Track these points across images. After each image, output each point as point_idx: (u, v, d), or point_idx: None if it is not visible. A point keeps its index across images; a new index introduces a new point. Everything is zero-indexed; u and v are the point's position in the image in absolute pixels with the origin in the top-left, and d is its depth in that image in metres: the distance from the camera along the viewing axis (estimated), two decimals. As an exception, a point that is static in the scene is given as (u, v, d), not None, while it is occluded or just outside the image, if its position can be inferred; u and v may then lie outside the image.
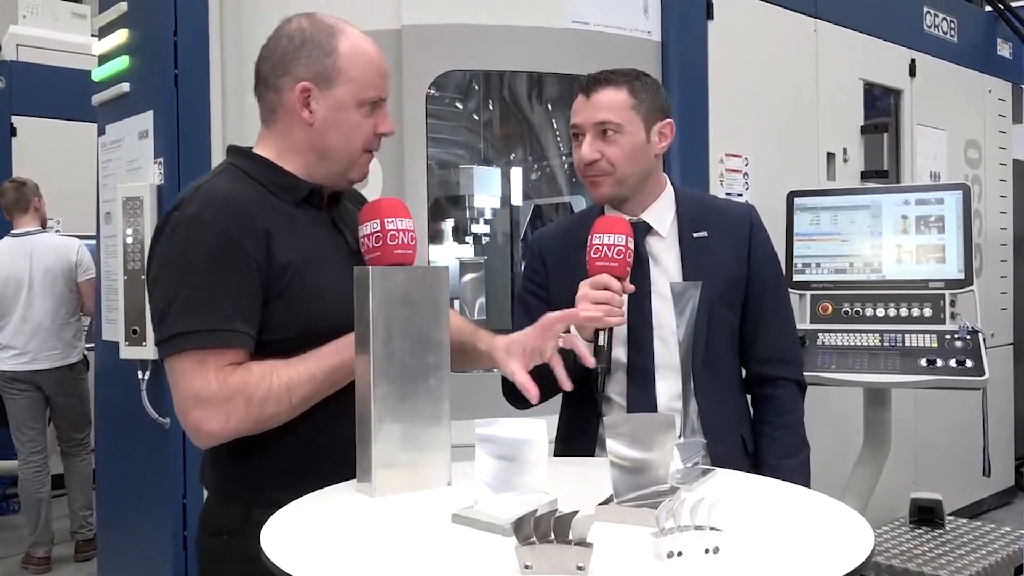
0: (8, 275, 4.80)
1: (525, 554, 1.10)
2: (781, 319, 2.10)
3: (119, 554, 4.01)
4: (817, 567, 1.12)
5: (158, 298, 1.58)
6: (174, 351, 1.55)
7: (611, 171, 1.94)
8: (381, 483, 1.48)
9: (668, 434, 1.32)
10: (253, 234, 1.58)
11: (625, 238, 1.82)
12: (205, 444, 1.59)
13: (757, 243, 2.05)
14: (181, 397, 1.56)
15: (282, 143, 1.71)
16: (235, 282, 1.56)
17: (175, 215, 1.59)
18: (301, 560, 1.20)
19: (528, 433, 1.30)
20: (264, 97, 1.72)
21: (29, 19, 7.01)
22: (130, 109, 3.68)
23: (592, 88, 1.94)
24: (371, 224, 1.62)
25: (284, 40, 1.68)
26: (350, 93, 1.67)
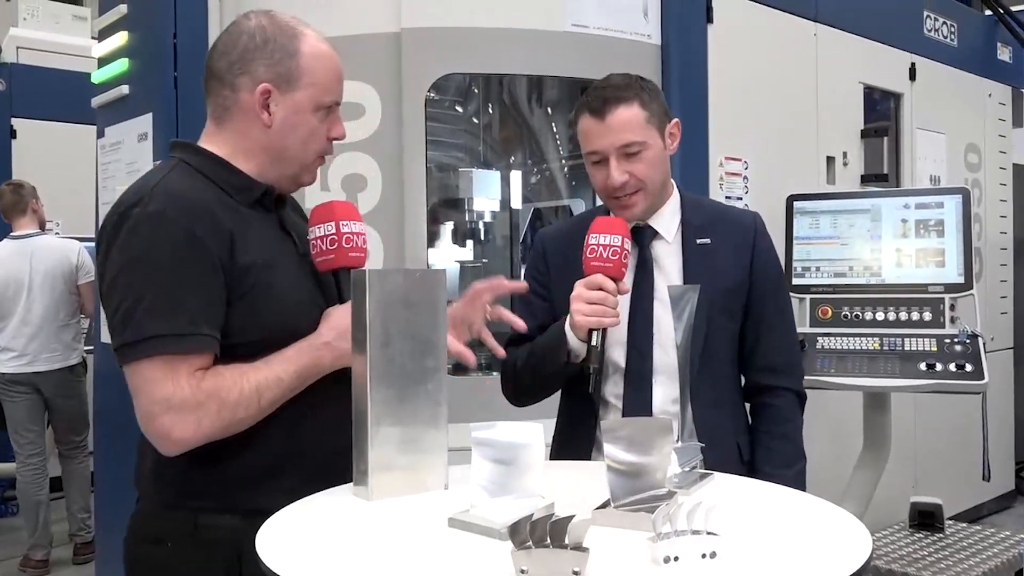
0: (8, 277, 4.80)
1: (521, 559, 1.09)
2: (782, 328, 2.08)
3: (117, 557, 3.98)
4: (814, 572, 1.11)
5: (120, 298, 1.50)
6: (142, 355, 1.49)
7: (642, 187, 1.94)
8: (378, 487, 1.48)
9: (665, 438, 1.31)
10: (217, 234, 1.54)
11: (621, 239, 1.82)
12: (173, 451, 1.52)
13: (760, 251, 2.03)
14: (148, 402, 1.50)
15: (236, 143, 1.66)
16: (201, 283, 1.52)
17: (135, 212, 1.51)
18: (296, 565, 1.20)
19: (524, 437, 1.30)
20: (218, 93, 1.66)
21: (29, 21, 7.02)
22: (130, 111, 3.68)
23: (605, 110, 1.90)
24: (325, 226, 1.62)
25: (244, 37, 1.63)
26: (309, 97, 1.65)
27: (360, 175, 3.18)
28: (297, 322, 1.60)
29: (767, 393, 2.05)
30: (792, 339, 2.13)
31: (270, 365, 1.56)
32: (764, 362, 2.04)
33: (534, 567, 1.09)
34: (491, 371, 3.68)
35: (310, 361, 1.58)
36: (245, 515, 1.46)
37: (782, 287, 2.13)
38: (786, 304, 2.13)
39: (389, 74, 3.17)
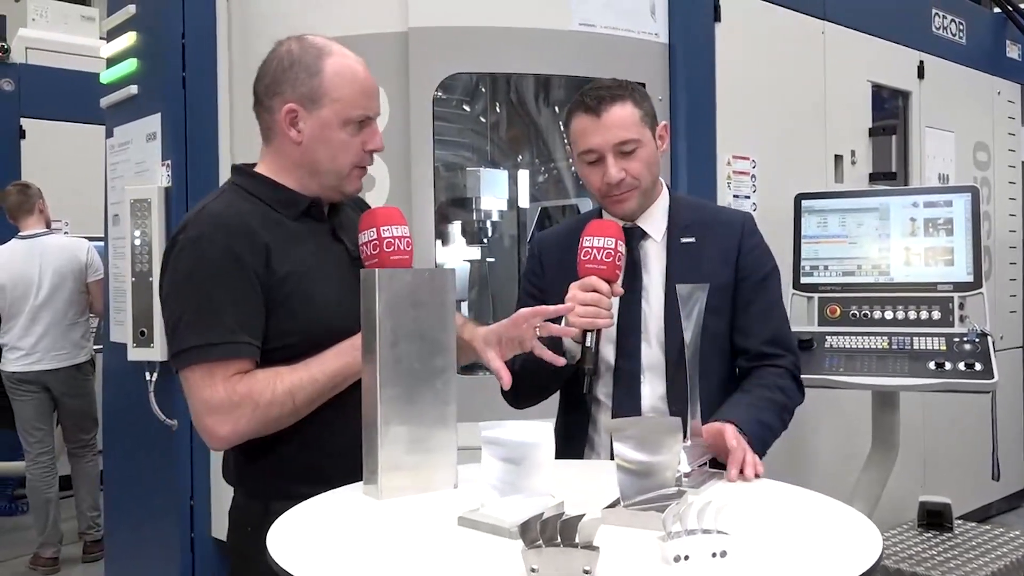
0: (18, 276, 4.81)
1: (531, 557, 1.10)
2: (773, 312, 2.07)
3: (127, 555, 4.02)
4: (825, 571, 1.11)
5: (167, 316, 1.69)
6: (185, 364, 1.65)
7: (637, 185, 1.98)
8: (387, 485, 1.49)
9: (674, 437, 1.31)
10: (253, 248, 1.66)
11: (615, 241, 1.85)
12: (218, 447, 1.70)
13: (747, 249, 2.04)
14: (194, 405, 1.66)
15: (278, 160, 1.80)
16: (238, 296, 1.64)
17: (181, 237, 1.69)
18: (307, 563, 1.20)
19: (534, 436, 1.30)
20: (260, 117, 1.80)
21: (38, 22, 7.03)
22: (138, 111, 3.69)
23: (600, 108, 1.94)
24: (368, 232, 1.73)
25: (275, 62, 1.76)
26: (335, 112, 1.74)
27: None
28: (341, 325, 1.69)
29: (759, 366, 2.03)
30: (784, 328, 2.11)
31: (307, 367, 1.68)
32: (755, 347, 2.03)
33: (544, 566, 1.09)
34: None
35: (345, 363, 1.67)
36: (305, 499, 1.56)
37: (773, 283, 2.11)
38: (777, 298, 2.12)
39: (396, 74, 3.17)
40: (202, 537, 3.45)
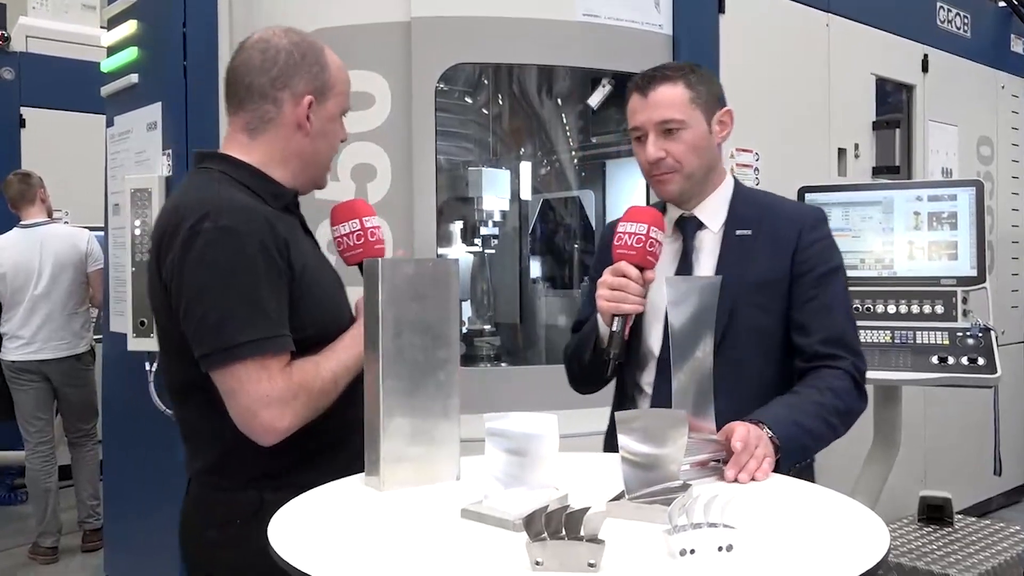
0: (19, 265, 4.80)
1: (536, 550, 1.09)
2: (834, 311, 1.96)
3: (126, 544, 4.02)
4: (832, 566, 1.10)
5: (209, 308, 1.62)
6: (235, 360, 1.61)
7: (678, 168, 1.94)
8: (389, 477, 1.47)
9: (680, 430, 1.30)
10: (277, 243, 1.67)
11: (647, 227, 1.84)
12: (272, 441, 1.65)
13: (806, 244, 1.96)
14: (248, 400, 1.62)
15: (271, 152, 1.78)
16: (274, 289, 1.65)
17: (207, 226, 1.62)
18: (308, 554, 1.19)
19: (539, 428, 1.29)
20: (257, 107, 1.77)
21: (39, 10, 7.00)
22: (139, 100, 3.68)
23: (648, 86, 1.94)
24: (350, 224, 1.81)
25: (283, 55, 1.76)
26: (337, 105, 1.82)
27: (370, 165, 3.17)
28: (339, 314, 1.78)
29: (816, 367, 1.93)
30: (846, 328, 1.99)
31: (336, 354, 1.71)
32: (811, 346, 1.94)
33: (549, 559, 1.08)
34: (500, 362, 3.68)
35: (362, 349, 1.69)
36: (303, 489, 1.54)
37: (836, 281, 1.99)
38: (840, 297, 2.00)
39: (399, 63, 3.15)
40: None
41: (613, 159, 4.01)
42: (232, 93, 1.80)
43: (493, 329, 3.73)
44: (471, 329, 3.70)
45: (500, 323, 3.81)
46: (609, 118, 3.88)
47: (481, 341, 3.69)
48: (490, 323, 3.75)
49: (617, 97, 3.67)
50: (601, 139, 4.01)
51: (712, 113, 1.96)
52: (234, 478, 1.74)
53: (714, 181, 2.02)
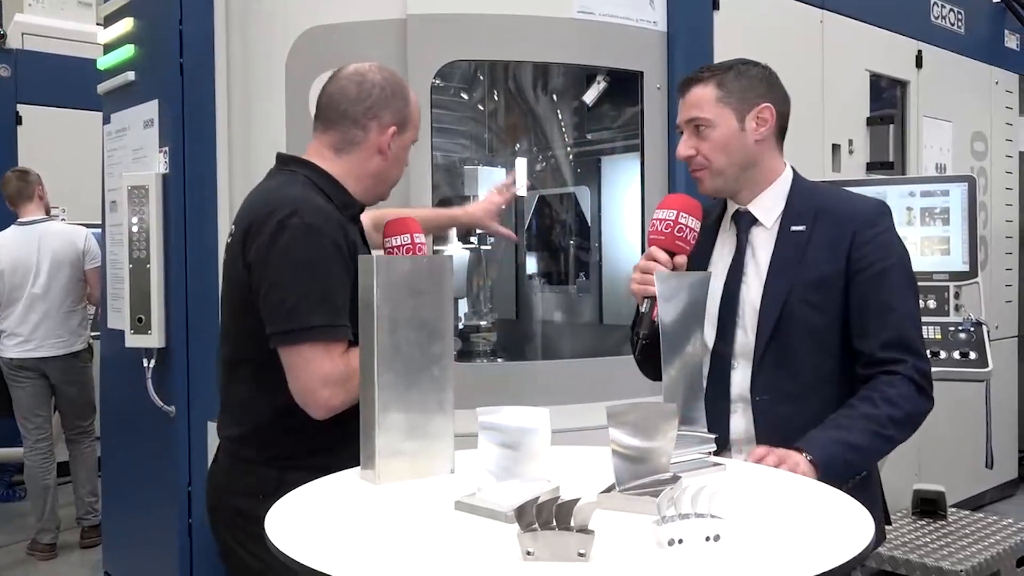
0: (16, 262, 4.81)
1: (527, 541, 1.11)
2: (893, 311, 1.92)
3: (124, 540, 4.03)
4: (818, 556, 1.12)
5: (286, 293, 1.83)
6: (306, 340, 1.81)
7: (707, 165, 2.00)
8: (384, 471, 1.50)
9: (670, 423, 1.33)
10: (348, 245, 1.89)
11: (676, 214, 1.90)
12: (325, 416, 1.84)
13: (862, 240, 1.94)
14: (310, 379, 1.82)
15: (350, 168, 2.02)
16: (342, 284, 1.84)
17: (293, 222, 1.84)
18: (303, 545, 1.21)
19: (531, 422, 1.31)
20: (347, 130, 2.01)
21: (35, 7, 6.99)
22: (135, 98, 3.68)
23: (684, 88, 2.03)
24: (402, 237, 2.08)
25: (376, 89, 2.01)
26: (411, 136, 2.09)
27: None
28: None
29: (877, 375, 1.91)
30: (906, 328, 1.93)
31: None
32: (870, 351, 1.92)
33: (540, 549, 1.10)
34: (496, 358, 3.70)
35: None
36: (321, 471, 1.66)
37: (895, 278, 1.94)
38: (900, 295, 1.94)
39: (395, 61, 3.14)
40: (199, 523, 3.46)
41: (608, 155, 4.03)
42: (325, 115, 2.03)
43: (489, 325, 3.75)
44: (467, 325, 3.72)
45: (497, 319, 3.83)
46: (604, 114, 3.90)
47: (477, 337, 3.71)
48: (486, 319, 3.76)
49: (612, 93, 3.70)
50: (596, 135, 4.02)
51: (746, 110, 1.98)
52: (260, 451, 1.94)
53: (765, 176, 2.03)
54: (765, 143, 2.01)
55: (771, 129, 2.01)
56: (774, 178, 2.04)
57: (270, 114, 3.27)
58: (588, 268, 4.06)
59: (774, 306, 1.93)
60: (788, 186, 2.05)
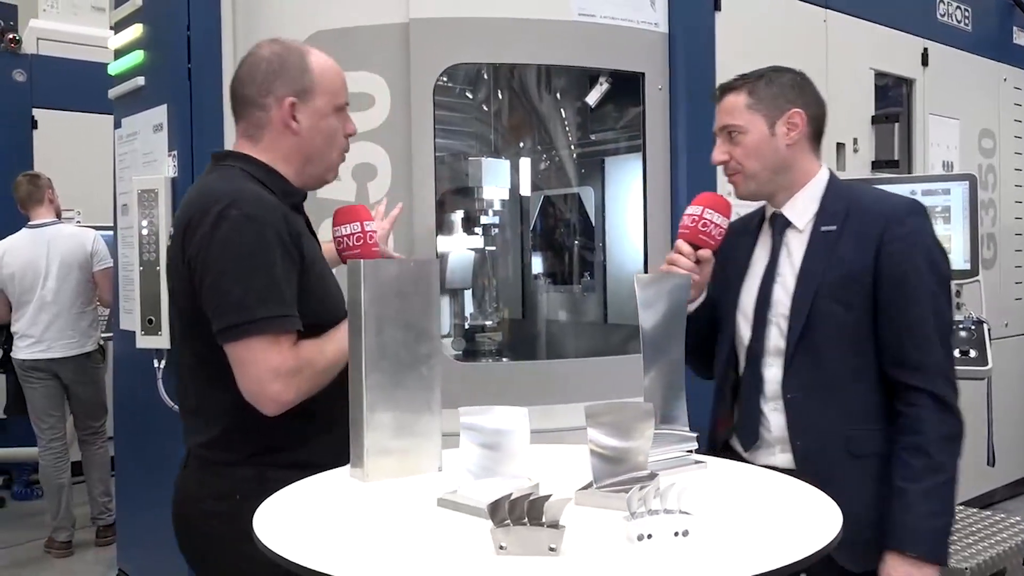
0: (27, 265, 4.88)
1: (500, 536, 1.15)
2: (913, 320, 1.92)
3: (138, 539, 4.09)
4: (783, 549, 1.15)
5: (229, 286, 1.76)
6: (252, 333, 1.75)
7: (740, 169, 2.07)
8: (373, 469, 1.54)
9: (647, 423, 1.36)
10: (292, 235, 1.82)
11: (702, 209, 2.04)
12: (276, 412, 1.78)
13: (889, 239, 1.94)
14: (259, 372, 1.75)
15: (272, 153, 1.93)
16: (288, 275, 1.79)
17: (233, 212, 1.77)
18: (290, 542, 1.25)
19: (510, 423, 1.35)
20: (250, 115, 1.94)
21: (49, 12, 7.07)
22: (145, 103, 3.73)
23: (720, 94, 2.12)
24: (351, 226, 1.99)
25: (264, 64, 1.93)
26: (327, 102, 1.94)
27: (370, 164, 3.22)
28: (336, 306, 1.89)
29: (901, 396, 1.94)
30: (927, 333, 1.93)
31: (336, 339, 1.81)
32: (891, 356, 1.94)
33: (512, 544, 1.14)
34: (501, 357, 3.73)
35: None
36: (301, 467, 1.68)
37: (919, 278, 1.94)
38: (922, 296, 1.94)
39: (398, 64, 3.20)
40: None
41: (612, 156, 4.05)
42: (233, 107, 1.98)
43: (494, 325, 3.78)
44: (472, 325, 3.76)
45: (502, 319, 3.87)
46: (607, 115, 3.92)
47: (483, 337, 3.75)
48: (492, 319, 3.80)
49: (615, 94, 3.72)
50: (600, 136, 4.05)
51: (777, 116, 2.04)
52: (236, 452, 1.86)
53: (798, 179, 2.07)
54: (797, 147, 2.05)
55: (802, 133, 2.05)
56: (807, 181, 2.08)
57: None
58: (593, 268, 4.08)
59: (803, 304, 1.97)
60: (822, 188, 2.08)
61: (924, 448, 1.89)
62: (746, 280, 2.11)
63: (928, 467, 1.88)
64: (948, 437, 1.92)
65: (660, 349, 1.62)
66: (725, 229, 2.04)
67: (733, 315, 2.11)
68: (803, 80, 2.12)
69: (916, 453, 1.89)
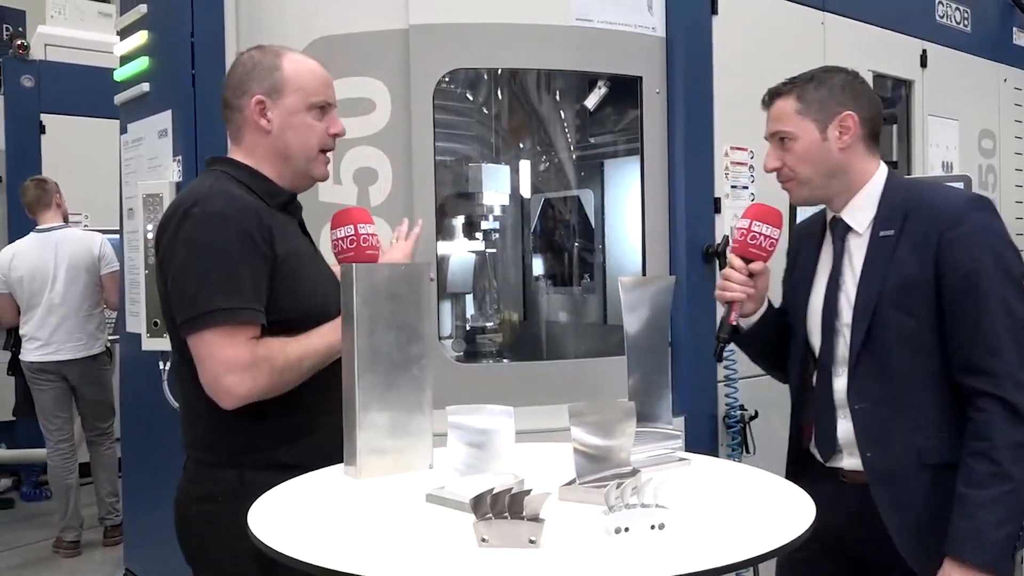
0: (35, 268, 4.94)
1: (482, 529, 1.19)
2: (981, 324, 1.86)
3: (144, 538, 4.14)
4: (755, 541, 1.20)
5: (187, 280, 1.80)
6: (207, 326, 1.77)
7: (794, 176, 2.06)
8: (366, 467, 1.59)
9: (629, 421, 1.40)
10: (261, 230, 1.84)
11: (749, 222, 2.05)
12: (231, 406, 1.79)
13: (948, 242, 1.88)
14: (213, 364, 1.78)
15: (252, 155, 2.00)
16: (251, 269, 1.81)
17: (196, 211, 1.81)
18: (283, 536, 1.30)
19: (495, 423, 1.39)
20: (230, 118, 2.03)
21: (57, 19, 7.15)
22: (150, 109, 3.79)
23: (768, 102, 2.12)
24: (345, 229, 2.01)
25: (239, 68, 2.01)
26: (298, 99, 1.98)
27: (371, 169, 3.26)
28: (325, 305, 1.87)
29: (971, 402, 1.89)
30: (996, 336, 1.86)
31: (309, 338, 1.85)
32: (960, 362, 1.89)
33: (494, 536, 1.18)
34: (502, 357, 3.77)
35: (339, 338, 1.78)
36: (284, 468, 1.70)
37: (985, 279, 1.87)
38: (990, 298, 1.87)
39: (398, 70, 3.24)
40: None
41: (611, 158, 4.09)
42: (222, 115, 2.05)
43: (495, 326, 3.82)
44: (473, 326, 3.80)
45: (503, 320, 3.90)
46: (606, 118, 3.95)
47: (483, 338, 3.79)
48: (493, 320, 3.84)
49: (614, 98, 3.76)
50: (599, 139, 4.09)
51: (828, 120, 2.02)
52: (216, 453, 1.89)
53: (855, 182, 2.04)
54: (851, 150, 2.03)
55: (855, 136, 2.02)
56: (863, 183, 2.04)
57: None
58: (592, 269, 4.12)
59: (865, 313, 1.94)
60: (880, 189, 2.04)
61: (990, 455, 1.83)
62: (813, 287, 2.09)
63: (993, 474, 1.82)
64: (1017, 445, 1.84)
65: (644, 350, 1.66)
66: (776, 240, 2.05)
67: (803, 323, 2.09)
68: (855, 80, 2.09)
69: (981, 459, 1.83)
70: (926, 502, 1.88)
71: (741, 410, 3.49)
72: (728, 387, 3.50)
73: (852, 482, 1.99)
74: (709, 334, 3.43)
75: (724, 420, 3.51)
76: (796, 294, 2.13)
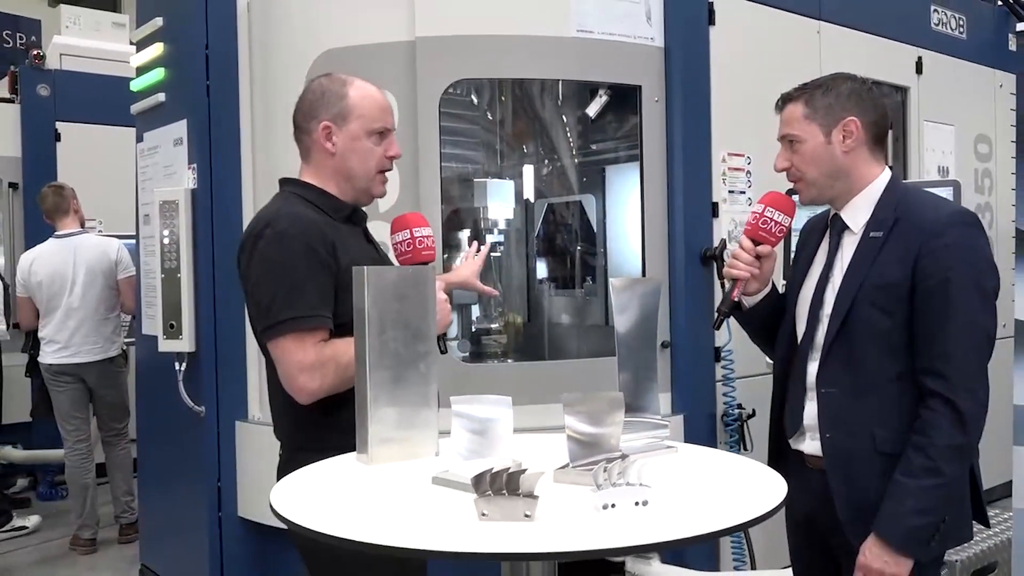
0: (54, 273, 5.05)
1: (482, 504, 1.31)
2: (944, 331, 1.97)
3: (160, 536, 4.24)
4: (727, 515, 1.32)
5: (262, 294, 2.03)
6: (280, 333, 2.00)
7: (801, 176, 2.20)
8: (376, 455, 1.71)
9: (618, 410, 1.52)
10: (324, 244, 2.04)
11: (763, 207, 2.22)
12: (307, 401, 2.02)
13: (929, 251, 1.99)
14: (287, 367, 2.01)
15: (319, 173, 2.21)
16: (316, 280, 2.01)
17: (267, 231, 2.04)
18: (303, 512, 1.43)
19: (495, 412, 1.52)
20: (300, 140, 2.23)
21: (72, 29, 7.26)
22: (166, 118, 3.90)
23: (780, 106, 2.24)
24: (402, 233, 2.25)
25: (310, 95, 2.21)
26: (360, 126, 2.18)
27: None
28: None
29: (924, 399, 2.00)
30: (956, 344, 1.97)
31: None
32: (921, 362, 2.01)
33: (492, 512, 1.31)
34: (507, 358, 3.88)
35: None
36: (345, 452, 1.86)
37: (955, 289, 1.97)
38: (957, 308, 1.97)
39: (404, 80, 3.34)
40: (229, 516, 3.65)
41: (612, 164, 4.19)
42: (294, 136, 2.24)
43: (500, 328, 3.93)
44: (479, 328, 3.91)
45: (508, 322, 4.01)
46: (607, 126, 4.06)
47: (489, 339, 3.90)
48: (498, 322, 3.94)
49: (614, 106, 3.87)
50: (600, 145, 4.19)
51: (833, 124, 2.14)
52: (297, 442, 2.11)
53: (857, 184, 2.15)
54: (854, 153, 2.14)
55: (859, 140, 2.13)
56: (866, 185, 2.16)
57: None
58: (594, 272, 4.23)
59: (842, 305, 2.09)
60: (879, 193, 2.15)
61: (928, 451, 1.95)
62: (807, 277, 2.23)
63: (927, 468, 1.95)
64: (954, 447, 1.96)
65: (633, 347, 1.78)
66: (787, 227, 2.20)
67: (793, 310, 2.25)
68: (862, 87, 2.19)
69: (920, 453, 1.96)
70: (875, 487, 2.01)
71: (739, 409, 3.60)
72: (726, 387, 3.61)
73: (814, 467, 2.13)
74: (708, 335, 3.56)
75: (722, 419, 3.62)
76: (794, 282, 2.29)
